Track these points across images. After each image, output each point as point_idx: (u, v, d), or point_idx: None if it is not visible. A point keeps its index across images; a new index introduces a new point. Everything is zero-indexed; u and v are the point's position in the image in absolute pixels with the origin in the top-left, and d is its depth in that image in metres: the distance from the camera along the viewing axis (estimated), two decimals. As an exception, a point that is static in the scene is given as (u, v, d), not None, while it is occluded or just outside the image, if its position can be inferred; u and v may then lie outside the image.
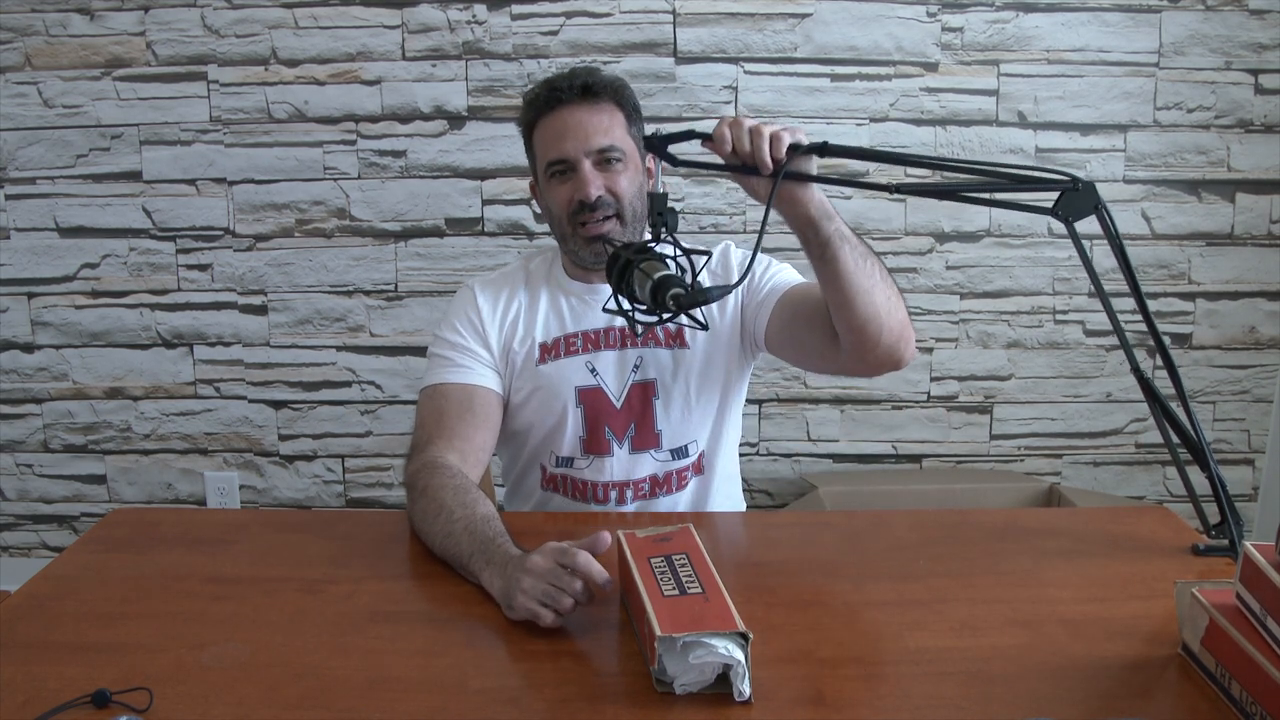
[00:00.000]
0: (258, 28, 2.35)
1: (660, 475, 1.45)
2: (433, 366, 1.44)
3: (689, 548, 1.08)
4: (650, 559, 1.06)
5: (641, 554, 1.07)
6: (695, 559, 1.05)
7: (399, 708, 0.90)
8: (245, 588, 1.13)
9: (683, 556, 1.06)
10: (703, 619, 0.93)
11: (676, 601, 0.97)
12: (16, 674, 0.94)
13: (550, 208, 1.43)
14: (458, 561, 1.15)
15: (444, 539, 1.18)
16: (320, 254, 2.45)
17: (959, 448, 2.55)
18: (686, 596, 0.98)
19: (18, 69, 2.37)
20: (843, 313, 1.21)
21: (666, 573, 1.02)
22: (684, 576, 1.02)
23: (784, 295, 1.40)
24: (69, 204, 2.44)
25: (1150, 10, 2.34)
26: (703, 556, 1.06)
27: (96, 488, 2.59)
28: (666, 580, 1.01)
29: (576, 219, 1.38)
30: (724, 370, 1.46)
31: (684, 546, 1.08)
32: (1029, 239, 2.44)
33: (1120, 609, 1.06)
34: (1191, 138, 2.40)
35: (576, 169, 1.38)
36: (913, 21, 2.34)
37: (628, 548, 1.09)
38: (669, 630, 0.91)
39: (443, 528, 1.18)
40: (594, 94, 1.39)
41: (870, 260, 1.20)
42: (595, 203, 1.37)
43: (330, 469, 2.57)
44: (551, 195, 1.42)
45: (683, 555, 1.06)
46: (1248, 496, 2.58)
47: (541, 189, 1.45)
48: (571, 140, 1.37)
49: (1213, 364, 2.52)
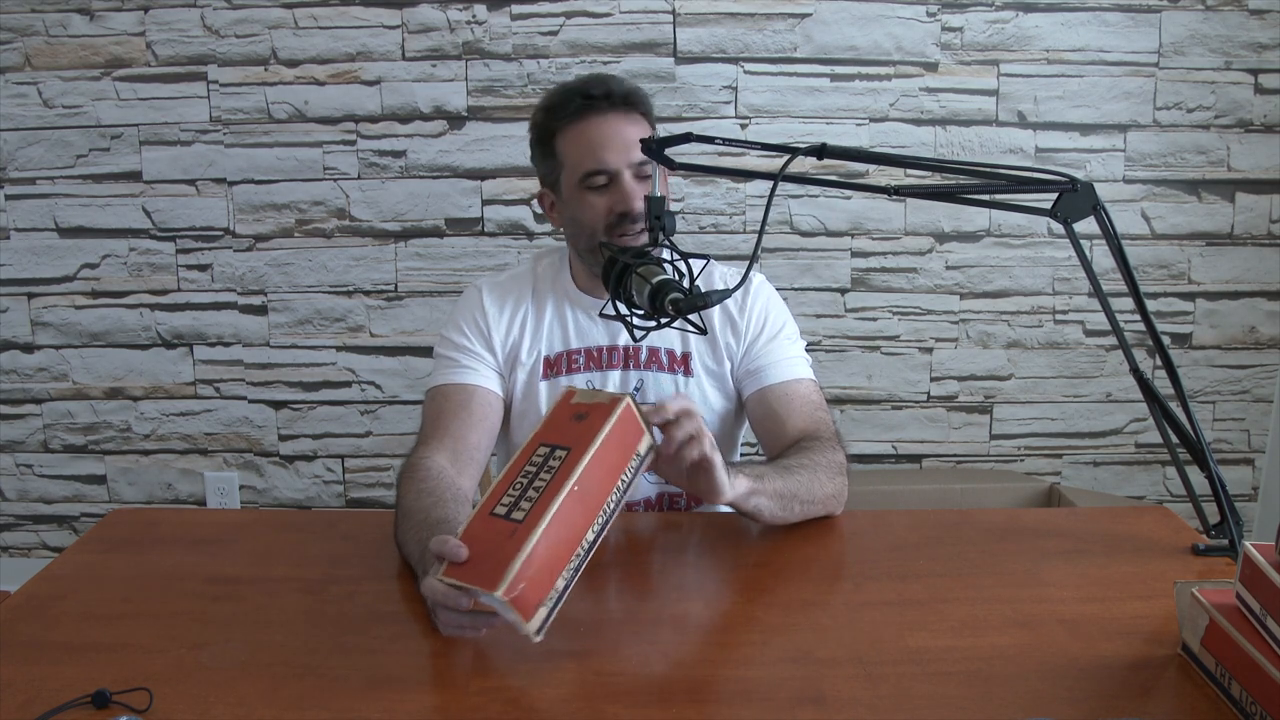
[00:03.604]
0: (258, 28, 2.35)
1: (654, 498, 1.44)
2: (437, 367, 1.44)
3: (582, 440, 0.96)
4: (541, 445, 0.99)
5: (544, 434, 1.00)
6: (568, 462, 0.95)
7: (399, 708, 0.90)
8: (245, 588, 1.13)
9: (563, 452, 0.96)
10: (481, 563, 0.90)
11: (490, 525, 0.92)
12: (16, 674, 0.94)
13: (579, 217, 1.38)
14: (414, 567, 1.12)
15: (403, 544, 1.17)
16: (320, 254, 2.45)
17: (959, 448, 2.55)
18: (506, 522, 0.92)
19: (18, 69, 2.37)
20: None
21: (530, 475, 0.96)
22: (534, 487, 0.94)
23: (769, 391, 1.41)
24: (69, 204, 2.44)
25: (1150, 10, 2.34)
26: (579, 459, 0.95)
27: (96, 488, 2.59)
28: (516, 487, 0.95)
29: (615, 230, 1.35)
30: (724, 407, 1.46)
31: (584, 434, 0.97)
32: (1029, 239, 2.44)
33: (1120, 609, 1.06)
34: (1191, 138, 2.40)
35: (617, 180, 1.35)
36: (913, 21, 2.34)
37: (546, 412, 1.03)
38: (451, 574, 0.91)
39: (402, 534, 1.17)
40: (630, 105, 1.38)
41: (794, 502, 1.23)
42: (637, 215, 1.35)
43: (330, 469, 2.57)
44: (584, 205, 1.37)
45: (564, 450, 0.97)
46: (1248, 496, 2.58)
47: (567, 197, 1.40)
48: (614, 151, 1.34)
49: (1213, 364, 2.52)
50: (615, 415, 0.98)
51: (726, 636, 1.05)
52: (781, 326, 1.46)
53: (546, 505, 0.92)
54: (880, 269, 2.45)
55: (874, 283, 2.46)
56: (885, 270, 2.46)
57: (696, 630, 1.03)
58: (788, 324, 1.47)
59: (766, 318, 1.45)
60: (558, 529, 0.92)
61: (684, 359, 1.44)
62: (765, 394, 1.41)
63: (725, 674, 0.97)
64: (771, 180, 1.13)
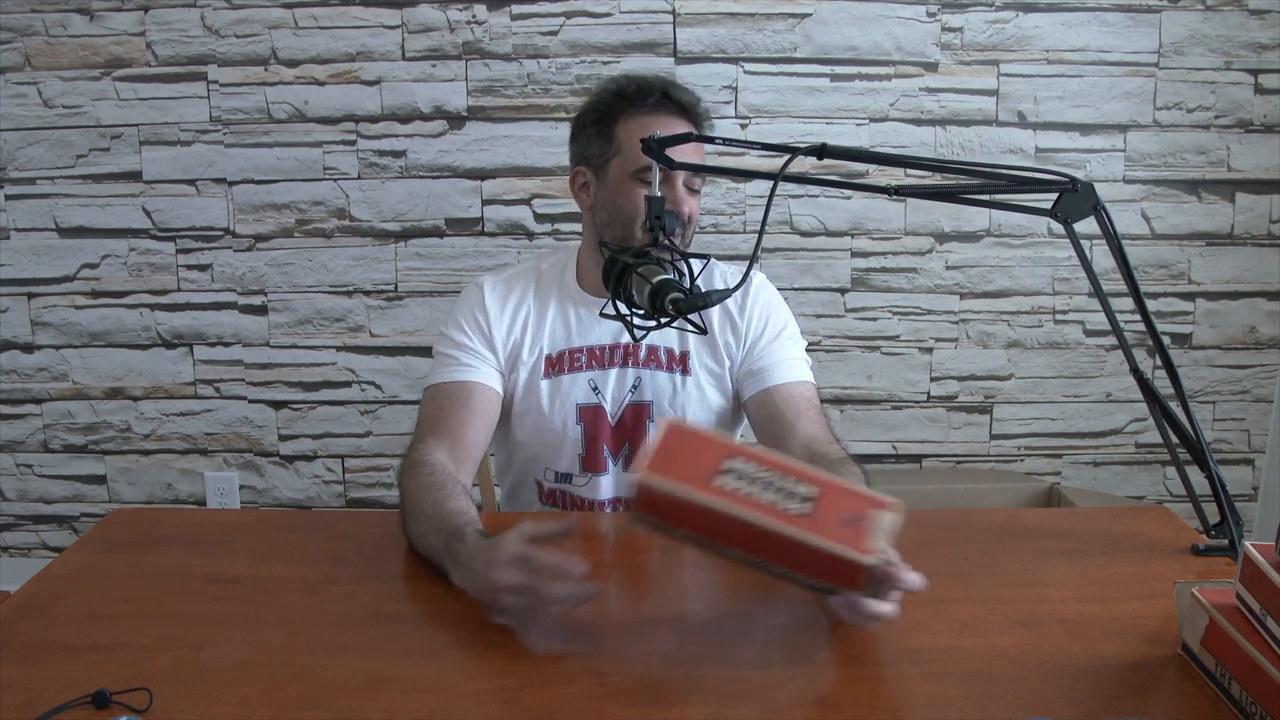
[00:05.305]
0: (258, 28, 2.35)
1: None
2: (436, 365, 1.44)
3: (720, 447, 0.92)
4: (710, 480, 0.89)
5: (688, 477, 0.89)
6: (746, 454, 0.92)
7: (399, 708, 0.90)
8: (245, 588, 1.13)
9: (735, 460, 0.91)
10: (860, 517, 0.89)
11: (813, 518, 0.88)
12: (16, 674, 0.94)
13: (623, 206, 1.37)
14: (433, 561, 1.13)
15: (419, 538, 1.16)
16: (320, 254, 2.45)
17: (959, 448, 2.55)
18: (810, 504, 0.89)
19: (18, 69, 2.37)
20: None
21: (749, 484, 0.89)
22: (768, 480, 0.90)
23: (773, 392, 1.40)
24: (69, 204, 2.44)
25: (1150, 10, 2.34)
26: (741, 447, 0.93)
27: (96, 488, 2.59)
28: (763, 492, 0.88)
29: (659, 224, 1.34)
30: (722, 406, 1.46)
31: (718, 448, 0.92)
32: (1029, 239, 2.44)
33: (1120, 609, 1.06)
34: (1191, 138, 2.40)
35: (671, 182, 1.34)
36: (913, 21, 2.34)
37: (663, 486, 0.89)
38: (863, 551, 0.86)
39: (416, 525, 1.17)
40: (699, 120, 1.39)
41: None
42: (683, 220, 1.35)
43: (330, 469, 2.57)
44: (633, 196, 1.36)
45: (736, 458, 0.91)
46: (1248, 496, 2.58)
47: (613, 183, 1.38)
48: (681, 157, 1.30)
49: (1213, 364, 2.52)
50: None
51: (726, 636, 1.04)
52: (783, 327, 1.46)
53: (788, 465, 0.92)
54: (880, 269, 2.45)
55: (874, 283, 2.46)
56: (885, 270, 2.46)
57: (696, 630, 1.03)
58: (789, 324, 1.47)
59: (768, 318, 1.45)
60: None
61: (682, 358, 1.44)
62: (768, 395, 1.41)
63: (725, 674, 0.97)
64: (771, 180, 1.13)
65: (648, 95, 1.37)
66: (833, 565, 0.88)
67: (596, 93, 1.42)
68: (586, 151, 1.41)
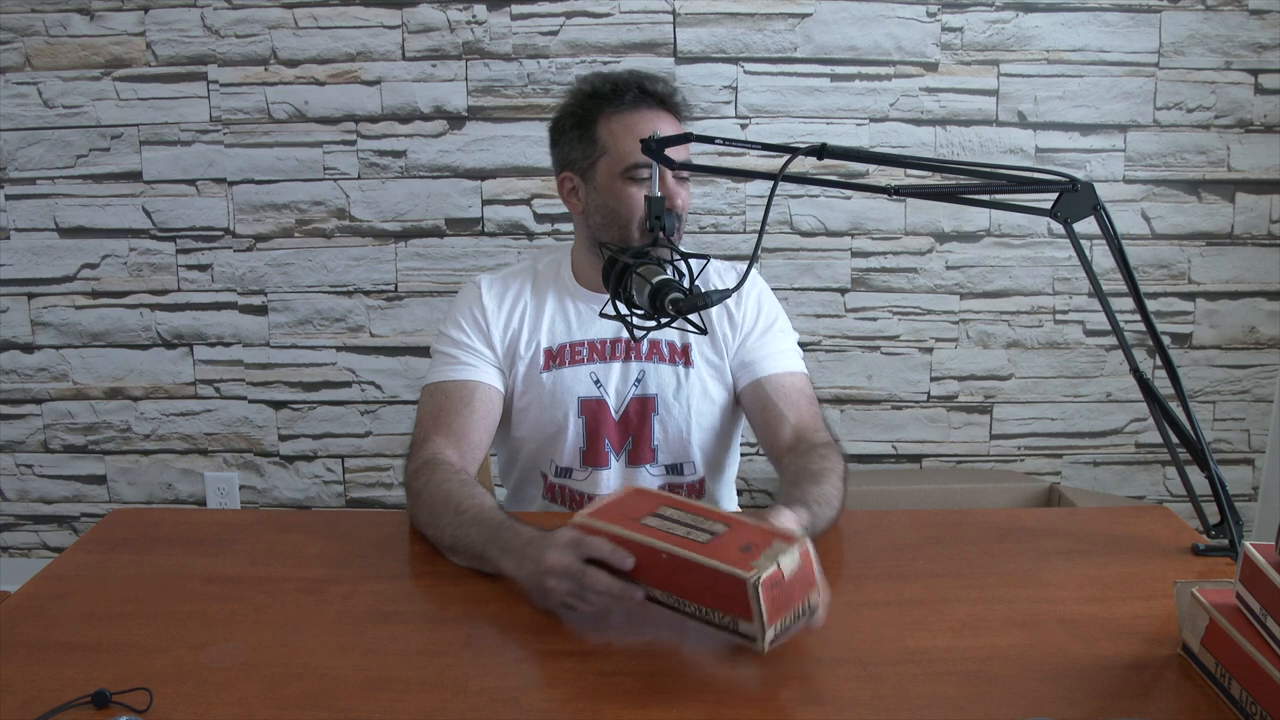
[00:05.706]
0: (258, 28, 2.35)
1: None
2: (435, 364, 1.44)
3: (662, 500, 1.06)
4: (637, 520, 1.02)
5: (617, 519, 1.02)
6: (681, 505, 1.04)
7: (399, 708, 0.90)
8: (245, 588, 1.13)
9: (668, 508, 1.04)
10: (759, 545, 0.94)
11: (710, 545, 0.96)
12: (16, 674, 0.94)
13: (615, 207, 1.36)
14: (471, 552, 1.14)
15: (455, 531, 1.17)
16: (320, 254, 2.45)
17: (959, 448, 2.55)
18: (714, 537, 0.97)
19: (18, 69, 2.37)
20: None
21: (670, 523, 1.01)
22: (690, 522, 1.00)
23: (764, 382, 1.42)
24: (69, 204, 2.44)
25: (1150, 10, 2.34)
26: (682, 501, 1.05)
27: (96, 488, 2.59)
28: (675, 528, 0.99)
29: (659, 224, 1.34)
30: (723, 398, 1.46)
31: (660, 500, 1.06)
32: (1029, 239, 2.44)
33: (1120, 609, 1.06)
34: (1191, 138, 2.40)
35: (662, 175, 1.33)
36: (913, 21, 2.34)
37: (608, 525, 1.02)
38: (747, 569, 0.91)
39: (452, 520, 1.18)
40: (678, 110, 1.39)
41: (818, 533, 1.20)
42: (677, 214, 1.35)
43: (330, 469, 2.57)
44: (624, 196, 1.35)
45: (670, 507, 1.04)
46: (1248, 496, 2.58)
47: (602, 185, 1.37)
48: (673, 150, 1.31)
49: (1213, 364, 2.52)
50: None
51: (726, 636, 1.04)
52: (774, 319, 1.47)
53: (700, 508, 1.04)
54: (880, 269, 2.45)
55: (874, 283, 2.46)
56: (885, 270, 2.46)
57: (696, 630, 1.03)
58: (780, 317, 1.48)
59: (760, 310, 1.46)
60: None
61: (684, 350, 1.44)
62: (759, 385, 1.42)
63: (726, 674, 0.97)
64: (771, 180, 1.13)
65: (624, 92, 1.36)
66: (724, 586, 0.92)
67: (570, 96, 1.41)
68: (570, 156, 1.40)
